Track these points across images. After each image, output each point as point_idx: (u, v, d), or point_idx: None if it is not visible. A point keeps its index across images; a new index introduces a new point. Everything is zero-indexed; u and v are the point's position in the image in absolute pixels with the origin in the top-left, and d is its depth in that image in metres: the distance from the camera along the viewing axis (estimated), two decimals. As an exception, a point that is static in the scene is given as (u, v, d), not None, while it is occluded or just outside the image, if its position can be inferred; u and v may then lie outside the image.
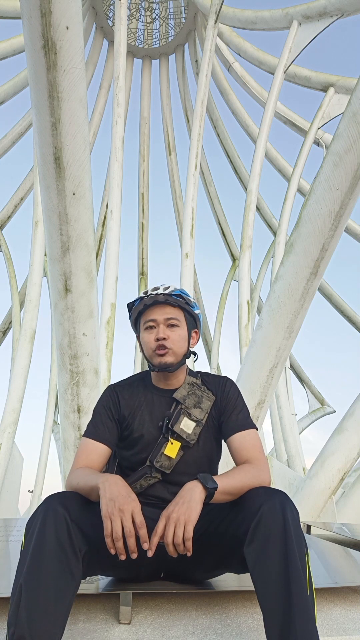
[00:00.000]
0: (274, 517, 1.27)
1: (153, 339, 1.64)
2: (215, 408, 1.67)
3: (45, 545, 1.22)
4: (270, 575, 1.21)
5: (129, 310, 1.74)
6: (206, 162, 15.61)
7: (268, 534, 1.25)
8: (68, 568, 1.23)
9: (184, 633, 1.43)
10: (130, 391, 1.71)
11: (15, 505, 8.48)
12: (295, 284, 3.90)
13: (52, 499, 1.34)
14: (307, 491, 5.20)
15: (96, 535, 1.33)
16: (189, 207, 9.08)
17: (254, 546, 1.27)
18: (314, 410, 16.40)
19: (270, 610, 1.20)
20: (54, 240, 3.42)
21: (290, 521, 1.26)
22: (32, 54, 2.74)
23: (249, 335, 9.75)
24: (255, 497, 1.35)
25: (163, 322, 1.64)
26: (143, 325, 1.68)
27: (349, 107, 3.39)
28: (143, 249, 16.05)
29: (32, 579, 1.17)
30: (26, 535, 1.29)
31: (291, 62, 10.57)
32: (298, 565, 1.20)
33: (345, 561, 2.44)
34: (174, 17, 14.72)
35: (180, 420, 1.60)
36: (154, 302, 1.65)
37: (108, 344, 6.85)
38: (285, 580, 1.19)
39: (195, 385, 1.70)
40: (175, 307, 1.67)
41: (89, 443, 1.60)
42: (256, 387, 4.38)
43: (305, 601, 1.17)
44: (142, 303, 1.67)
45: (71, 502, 1.35)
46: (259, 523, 1.27)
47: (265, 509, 1.29)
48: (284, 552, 1.22)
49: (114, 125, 8.34)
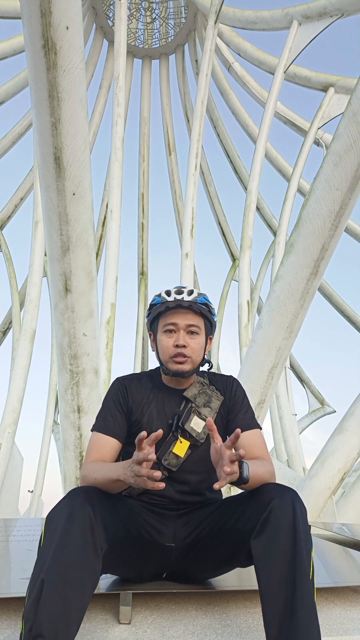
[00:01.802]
0: (285, 512, 1.28)
1: (172, 344, 1.61)
2: (223, 407, 1.67)
3: (69, 543, 1.21)
4: (276, 569, 1.22)
5: (150, 308, 1.70)
6: (206, 162, 15.60)
7: (277, 527, 1.26)
8: (89, 566, 1.22)
9: (184, 633, 1.43)
10: (139, 386, 1.69)
11: (15, 505, 8.47)
12: (295, 284, 3.90)
13: (77, 494, 1.32)
14: (307, 491, 5.20)
15: (117, 534, 1.34)
16: (189, 207, 9.08)
17: (262, 537, 1.28)
18: (314, 410, 16.38)
19: (272, 602, 1.20)
20: (54, 240, 3.42)
21: (299, 517, 1.27)
22: (32, 54, 2.74)
23: (249, 335, 9.74)
24: (266, 492, 1.36)
25: (184, 327, 1.61)
26: (162, 328, 1.65)
27: (349, 107, 3.39)
28: (143, 249, 16.04)
29: (54, 576, 1.15)
30: (47, 529, 1.26)
31: (291, 62, 10.56)
32: (305, 561, 1.22)
33: (345, 561, 2.45)
34: (174, 17, 14.71)
35: (191, 418, 1.60)
36: (177, 306, 1.61)
37: (108, 344, 6.85)
38: (292, 574, 1.20)
39: (204, 384, 1.69)
40: (197, 315, 1.64)
41: (100, 437, 1.58)
42: (256, 387, 4.38)
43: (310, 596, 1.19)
44: (164, 305, 1.63)
45: (95, 498, 1.33)
46: (269, 516, 1.28)
47: (276, 503, 1.29)
48: (292, 548, 1.23)
49: (114, 125, 8.34)
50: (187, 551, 1.53)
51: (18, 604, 1.59)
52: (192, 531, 1.52)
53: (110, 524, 1.33)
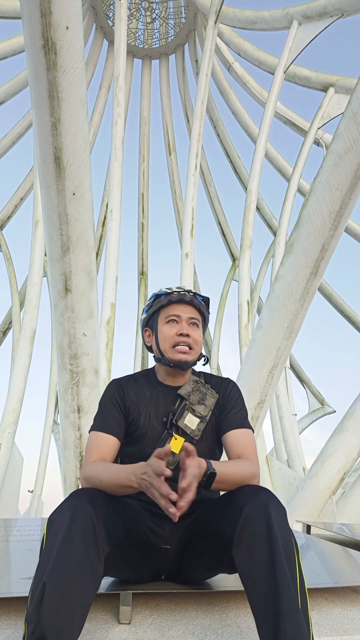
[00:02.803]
0: (258, 518, 1.26)
1: (174, 333, 1.64)
2: (217, 406, 1.68)
3: (71, 545, 1.20)
4: (257, 578, 1.21)
5: (153, 300, 1.72)
6: (206, 162, 15.61)
7: (253, 536, 1.25)
8: (91, 569, 1.22)
9: (184, 633, 1.43)
10: (135, 386, 1.70)
11: (15, 505, 8.48)
12: (295, 284, 3.90)
13: (78, 496, 1.32)
14: (307, 491, 5.20)
15: (118, 536, 1.34)
16: (189, 207, 9.08)
17: (241, 548, 1.27)
18: (314, 410, 16.40)
19: (260, 612, 1.19)
20: (54, 240, 3.42)
21: (274, 521, 1.25)
22: (32, 54, 2.74)
23: (249, 335, 9.75)
24: (240, 497, 1.35)
25: (186, 320, 1.66)
26: (164, 319, 1.67)
27: (349, 107, 3.39)
28: (143, 249, 16.05)
29: (56, 578, 1.15)
30: (49, 531, 1.26)
31: (291, 62, 10.57)
32: (284, 566, 1.19)
33: (345, 561, 2.44)
34: (174, 17, 14.72)
35: (185, 415, 1.61)
36: (180, 299, 1.67)
37: (108, 344, 6.85)
38: (272, 582, 1.18)
39: (199, 382, 1.70)
40: (197, 310, 1.70)
41: (100, 436, 1.58)
42: (256, 387, 4.38)
43: (294, 603, 1.16)
44: (167, 298, 1.67)
45: (98, 500, 1.33)
46: (244, 525, 1.27)
47: (249, 509, 1.28)
48: (270, 554, 1.21)
49: (114, 125, 8.34)
50: (181, 553, 1.53)
51: (18, 604, 1.59)
52: (183, 533, 1.52)
53: (112, 526, 1.32)
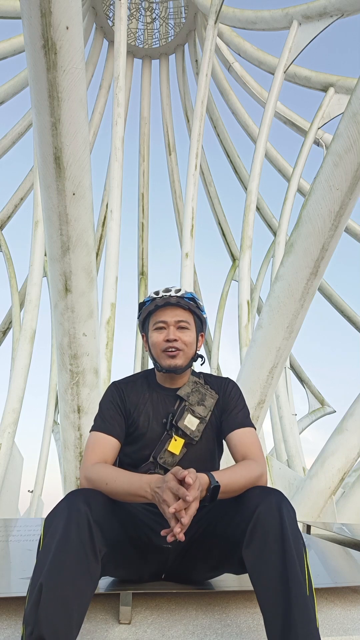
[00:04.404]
0: (271, 519, 1.27)
1: (162, 339, 1.64)
2: (217, 407, 1.68)
3: (68, 546, 1.20)
4: (269, 578, 1.21)
5: (140, 308, 1.74)
6: (206, 162, 15.60)
7: (265, 536, 1.25)
8: (88, 570, 1.22)
9: (184, 633, 1.43)
10: (135, 388, 1.71)
11: (15, 505, 8.47)
12: (295, 284, 3.90)
13: (75, 497, 1.32)
14: (307, 491, 5.20)
15: (115, 537, 1.34)
16: (189, 207, 9.08)
17: (252, 548, 1.27)
18: (314, 410, 16.38)
19: (270, 612, 1.19)
20: (54, 240, 3.42)
21: (287, 522, 1.26)
22: (32, 54, 2.74)
23: (249, 335, 9.74)
24: (252, 498, 1.35)
25: (174, 324, 1.65)
26: (153, 326, 1.68)
27: (349, 107, 3.39)
28: (143, 249, 16.04)
29: (53, 580, 1.15)
30: (46, 532, 1.26)
31: (291, 62, 10.56)
32: (296, 566, 1.20)
33: (345, 561, 2.44)
34: (174, 17, 14.71)
35: (184, 417, 1.61)
36: (165, 303, 1.66)
37: (108, 344, 6.85)
38: (284, 582, 1.18)
39: (198, 383, 1.70)
40: (186, 310, 1.68)
41: (100, 437, 1.58)
42: (256, 387, 4.38)
43: (305, 602, 1.17)
44: (153, 303, 1.67)
45: (94, 501, 1.33)
46: (256, 525, 1.27)
47: (262, 510, 1.29)
48: (282, 554, 1.21)
49: (114, 125, 8.34)
50: (183, 553, 1.53)
51: (18, 604, 1.59)
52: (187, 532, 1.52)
53: (109, 526, 1.32)
